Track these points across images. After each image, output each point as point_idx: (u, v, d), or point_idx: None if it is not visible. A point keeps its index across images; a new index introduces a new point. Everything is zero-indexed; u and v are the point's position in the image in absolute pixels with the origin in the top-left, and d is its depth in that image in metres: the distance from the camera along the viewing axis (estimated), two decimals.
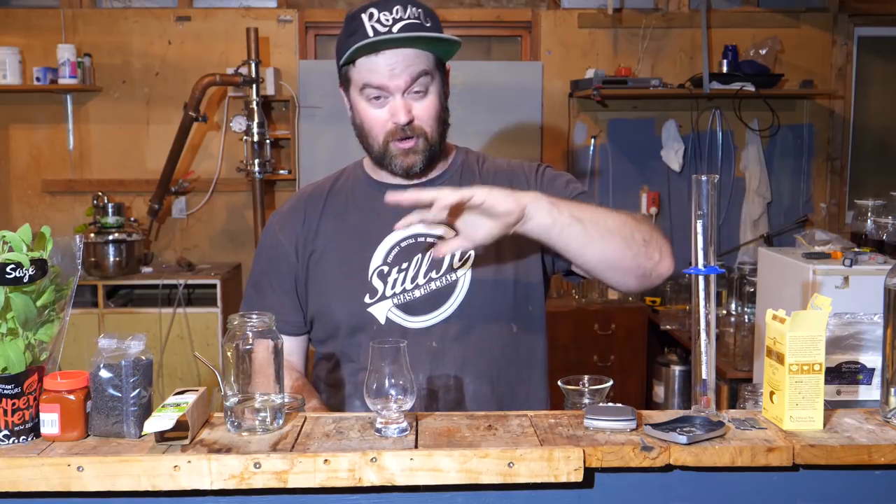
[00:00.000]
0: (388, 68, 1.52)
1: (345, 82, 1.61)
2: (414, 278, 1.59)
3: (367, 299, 1.59)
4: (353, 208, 1.67)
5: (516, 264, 1.63)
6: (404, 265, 1.60)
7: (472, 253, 1.60)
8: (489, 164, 1.72)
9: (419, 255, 1.60)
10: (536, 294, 1.67)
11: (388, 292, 1.59)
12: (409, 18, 1.52)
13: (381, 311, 1.59)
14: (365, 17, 1.53)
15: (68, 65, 4.30)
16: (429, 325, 1.58)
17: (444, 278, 1.59)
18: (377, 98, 1.55)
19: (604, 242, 1.46)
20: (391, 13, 1.52)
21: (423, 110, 1.56)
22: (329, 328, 1.65)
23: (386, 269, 1.60)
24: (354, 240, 1.63)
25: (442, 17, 1.65)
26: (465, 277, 1.59)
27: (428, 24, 1.54)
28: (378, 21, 1.51)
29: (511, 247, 1.62)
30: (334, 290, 1.62)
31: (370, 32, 1.51)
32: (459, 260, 1.60)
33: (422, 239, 1.61)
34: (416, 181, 1.64)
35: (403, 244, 1.61)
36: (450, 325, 1.58)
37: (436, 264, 1.60)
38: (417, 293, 1.59)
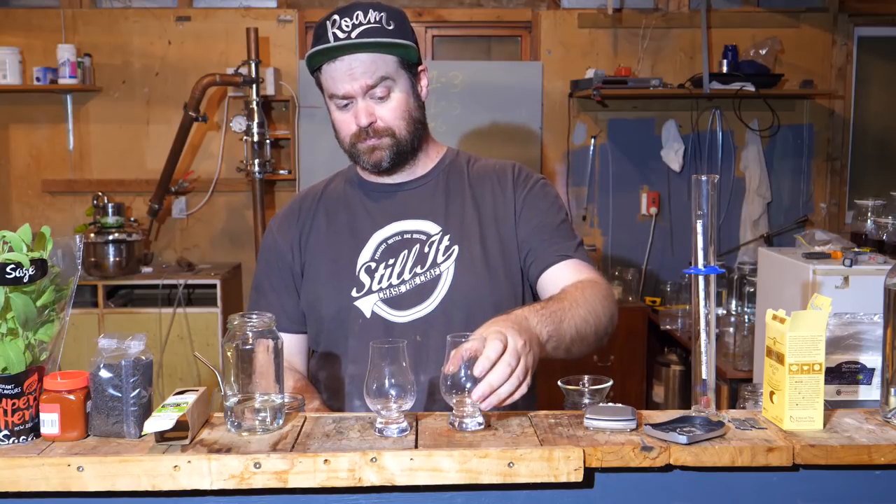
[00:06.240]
0: (347, 73, 1.56)
1: (320, 87, 1.65)
2: (400, 274, 1.62)
3: (353, 293, 1.62)
4: (343, 207, 1.71)
5: (501, 259, 1.64)
6: (391, 261, 1.63)
7: (457, 247, 1.62)
8: (479, 165, 1.74)
9: (405, 252, 1.63)
10: (521, 288, 1.68)
11: (375, 287, 1.62)
12: (368, 24, 1.55)
13: (367, 305, 1.61)
14: (329, 23, 1.57)
15: (68, 65, 4.30)
16: (413, 319, 1.60)
17: (428, 273, 1.61)
18: (344, 105, 1.60)
19: (578, 344, 1.49)
20: (352, 19, 1.55)
21: (387, 111, 1.60)
22: (317, 321, 1.68)
23: (373, 265, 1.63)
24: (344, 237, 1.67)
25: (442, 18, 1.66)
26: (448, 271, 1.61)
27: (390, 27, 1.57)
28: (339, 27, 1.55)
29: (496, 242, 1.64)
30: (323, 284, 1.66)
31: (331, 39, 1.55)
32: (444, 255, 1.62)
33: (408, 236, 1.64)
34: (402, 180, 1.68)
35: (391, 241, 1.64)
36: (434, 318, 1.60)
37: (421, 259, 1.62)
38: (403, 288, 1.61)
